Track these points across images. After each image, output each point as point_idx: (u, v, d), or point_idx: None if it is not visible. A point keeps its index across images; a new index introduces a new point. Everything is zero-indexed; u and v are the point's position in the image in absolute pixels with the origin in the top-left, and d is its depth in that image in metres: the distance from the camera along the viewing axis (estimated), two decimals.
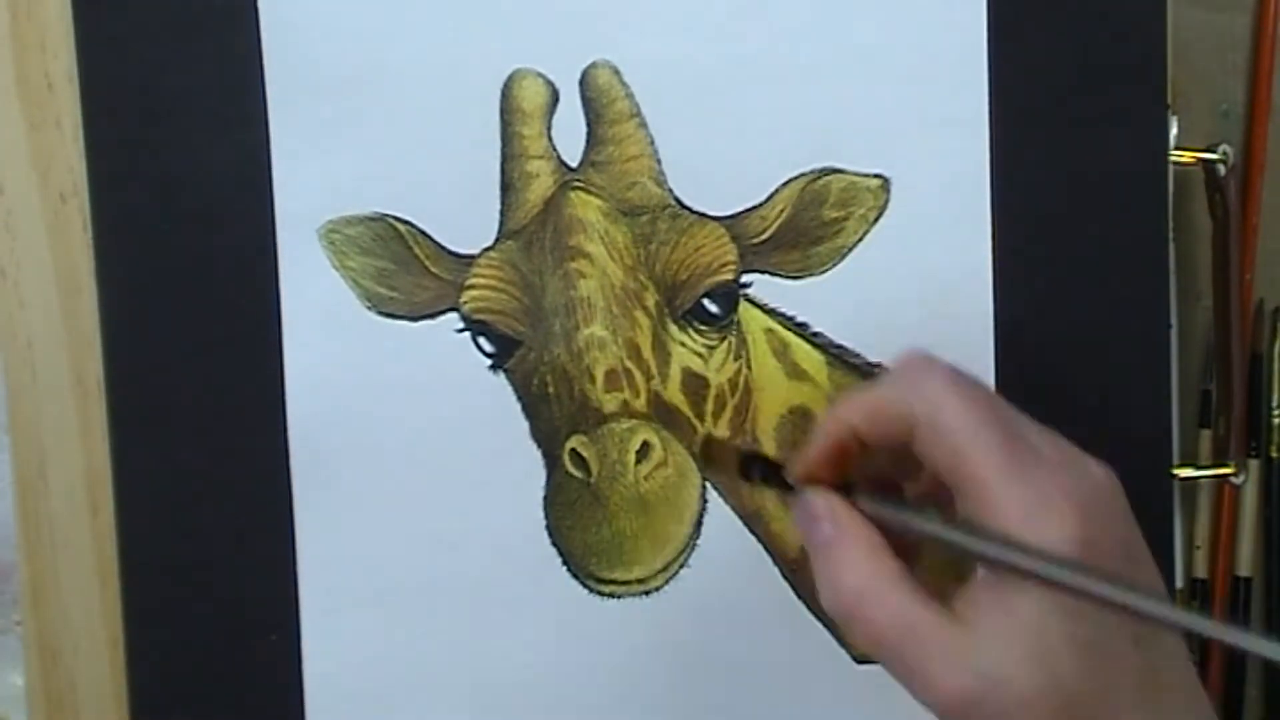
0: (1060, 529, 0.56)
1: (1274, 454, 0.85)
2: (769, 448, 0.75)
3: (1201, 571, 0.85)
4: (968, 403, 0.59)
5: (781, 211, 0.74)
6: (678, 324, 0.74)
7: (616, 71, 0.73)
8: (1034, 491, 0.57)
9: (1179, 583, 0.84)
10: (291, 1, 0.73)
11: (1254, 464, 0.85)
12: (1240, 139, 0.84)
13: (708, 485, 0.75)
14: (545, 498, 0.75)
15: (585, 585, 0.75)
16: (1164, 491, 0.77)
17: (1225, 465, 0.82)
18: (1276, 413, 0.85)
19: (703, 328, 0.75)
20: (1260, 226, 0.83)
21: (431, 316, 0.74)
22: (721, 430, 0.75)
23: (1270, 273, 0.84)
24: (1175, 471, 0.79)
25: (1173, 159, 0.76)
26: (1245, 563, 0.85)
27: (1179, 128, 0.77)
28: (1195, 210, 0.82)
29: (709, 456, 0.74)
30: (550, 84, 0.73)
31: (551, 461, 0.75)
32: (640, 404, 0.74)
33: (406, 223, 0.74)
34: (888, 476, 0.65)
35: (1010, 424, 0.59)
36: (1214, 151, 0.80)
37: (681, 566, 0.75)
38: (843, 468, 0.62)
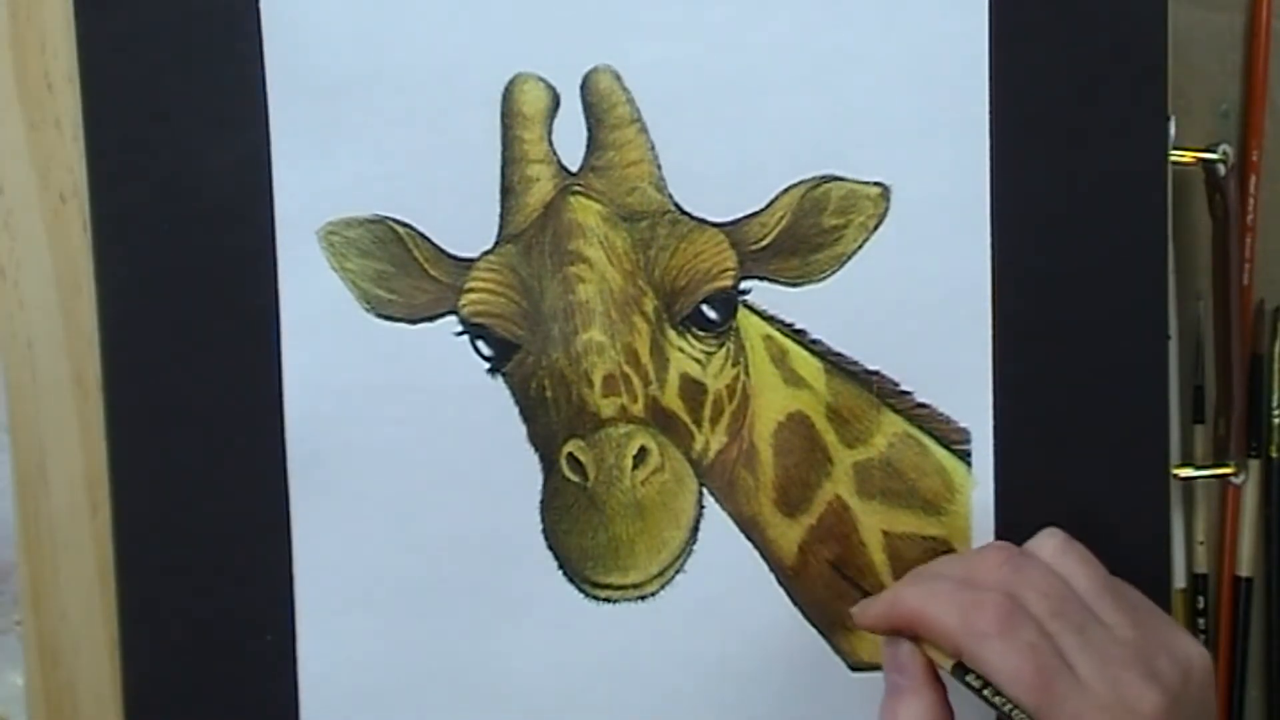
0: None
1: (1274, 454, 0.85)
2: (765, 454, 0.76)
3: (1203, 567, 0.85)
4: (1010, 645, 0.64)
5: (781, 218, 0.74)
6: (676, 330, 0.74)
7: (618, 76, 0.73)
8: None
9: (1180, 582, 0.84)
10: (293, 2, 0.73)
11: (1254, 464, 0.85)
12: (1238, 138, 0.84)
13: (704, 491, 0.75)
14: (542, 502, 0.75)
15: (581, 589, 0.76)
16: (1163, 492, 0.77)
17: (1226, 465, 0.82)
18: (1276, 413, 0.85)
19: (701, 334, 0.75)
20: (1260, 226, 0.83)
21: (430, 319, 0.74)
22: (719, 436, 0.75)
23: (1270, 273, 0.84)
24: (1175, 471, 0.79)
25: (1172, 159, 0.76)
26: (1246, 563, 0.86)
27: (1178, 127, 0.77)
28: (1195, 210, 0.82)
29: None
30: (551, 88, 0.73)
31: (548, 465, 0.75)
32: (638, 409, 0.74)
33: (406, 225, 0.74)
34: None
35: (1053, 661, 0.64)
36: (1213, 151, 0.80)
37: (677, 572, 0.76)
38: None
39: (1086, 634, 0.65)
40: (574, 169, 0.74)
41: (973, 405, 0.75)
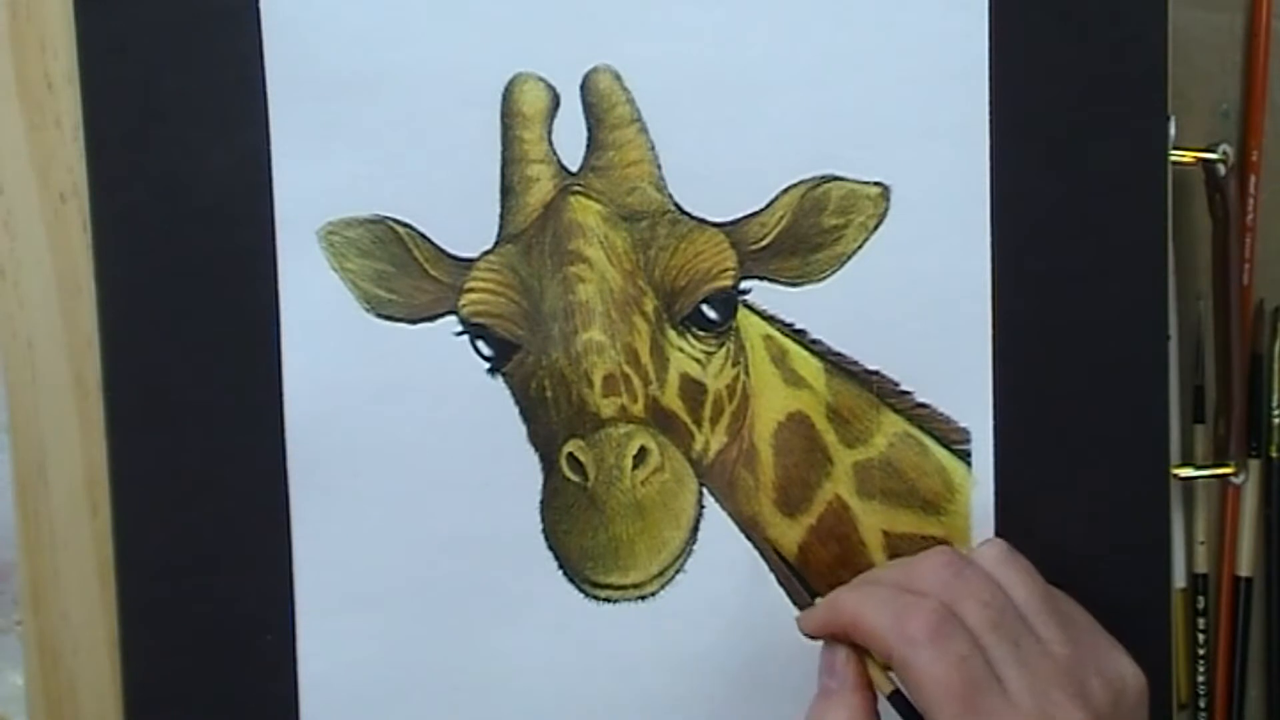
0: None
1: (1274, 454, 0.85)
2: (765, 454, 0.76)
3: (1203, 567, 0.85)
4: (941, 654, 0.64)
5: (781, 218, 0.74)
6: (676, 329, 0.74)
7: (618, 76, 0.73)
8: None
9: (1180, 582, 0.84)
10: (292, 2, 0.73)
11: (1254, 464, 0.85)
12: (1238, 138, 0.84)
13: (704, 490, 0.75)
14: (542, 502, 0.75)
15: (581, 589, 0.76)
16: (1163, 492, 0.77)
17: (1225, 465, 0.82)
18: (1276, 413, 0.85)
19: (701, 334, 0.75)
20: (1260, 226, 0.83)
21: (430, 319, 0.74)
22: (719, 436, 0.75)
23: (1270, 273, 0.84)
24: (1175, 471, 0.79)
25: (1172, 159, 0.76)
26: (1246, 563, 0.86)
27: (1178, 128, 0.77)
28: (1195, 210, 0.82)
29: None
30: (551, 88, 0.73)
31: (548, 465, 0.75)
32: (638, 409, 0.74)
33: (406, 225, 0.74)
34: None
35: (982, 673, 0.64)
36: (1214, 151, 0.80)
37: (678, 572, 0.76)
38: None
39: (1021, 648, 0.65)
40: (574, 169, 0.74)
41: (973, 405, 0.75)
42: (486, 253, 0.74)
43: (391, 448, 0.75)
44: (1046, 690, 0.63)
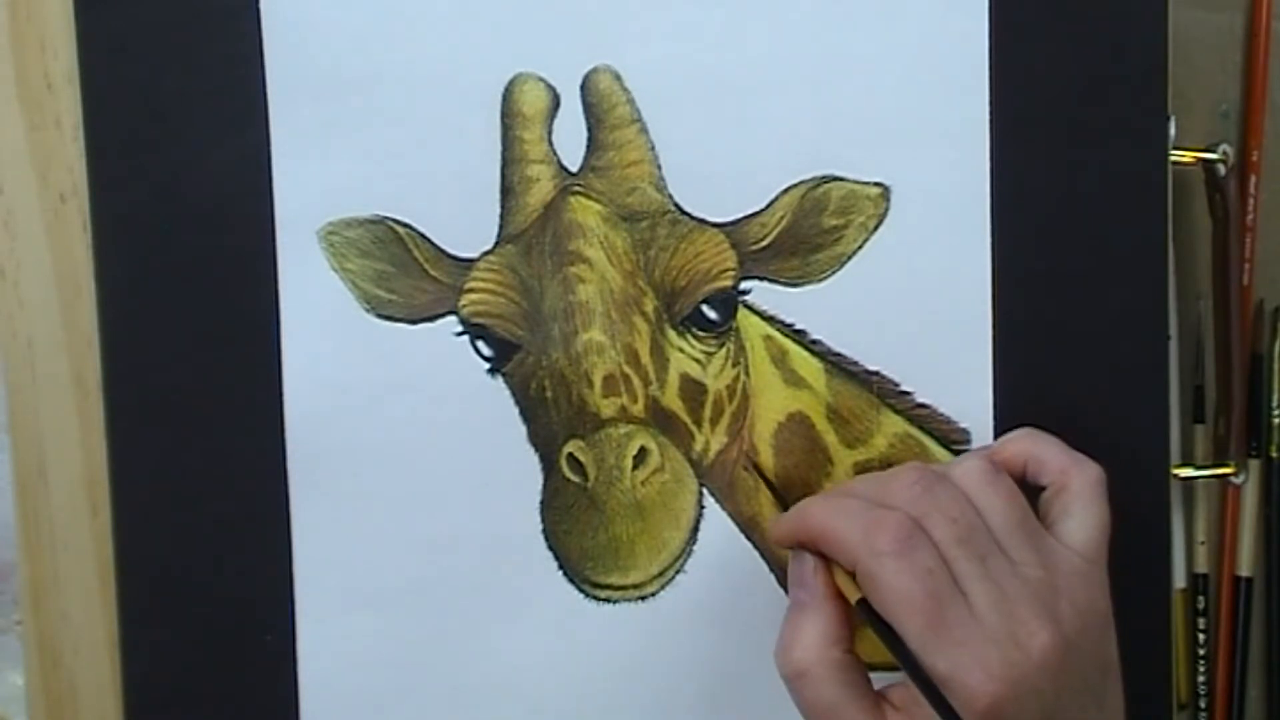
0: (968, 704, 0.61)
1: (1274, 454, 0.85)
2: (766, 454, 0.75)
3: (1203, 567, 0.85)
4: (906, 566, 0.64)
5: (781, 218, 0.74)
6: (676, 330, 0.74)
7: (618, 76, 0.73)
8: (949, 665, 0.62)
9: (1180, 582, 0.84)
10: (292, 2, 0.73)
11: (1254, 464, 0.85)
12: (1238, 138, 0.84)
13: (705, 491, 0.75)
14: (542, 502, 0.75)
15: (581, 590, 0.76)
16: (1163, 492, 0.77)
17: (1225, 465, 0.82)
18: (1276, 413, 0.85)
19: (701, 334, 0.75)
20: (1260, 226, 0.83)
21: (430, 319, 0.74)
22: (719, 437, 0.75)
23: (1270, 273, 0.84)
24: (1175, 471, 0.79)
25: (1172, 159, 0.76)
26: (1246, 563, 0.86)
27: (1178, 128, 0.77)
28: (1195, 210, 0.82)
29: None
30: (551, 88, 0.73)
31: (549, 466, 0.75)
32: (638, 409, 0.74)
33: (406, 225, 0.74)
34: None
35: (946, 587, 0.64)
36: (1214, 151, 0.80)
37: (678, 572, 0.76)
38: None
39: (988, 564, 0.64)
40: (574, 169, 0.74)
41: (973, 405, 0.75)
42: (486, 253, 0.74)
43: (391, 447, 0.75)
44: (1012, 608, 0.63)
